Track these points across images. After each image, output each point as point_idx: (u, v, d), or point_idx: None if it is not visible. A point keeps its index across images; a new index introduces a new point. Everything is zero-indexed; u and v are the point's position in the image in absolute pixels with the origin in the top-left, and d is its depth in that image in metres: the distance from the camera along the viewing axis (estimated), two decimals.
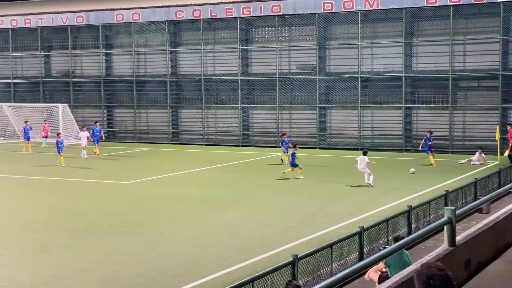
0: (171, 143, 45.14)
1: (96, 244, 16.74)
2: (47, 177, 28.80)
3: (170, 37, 45.59)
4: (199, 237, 17.39)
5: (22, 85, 50.78)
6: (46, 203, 22.63)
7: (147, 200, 23.21)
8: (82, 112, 48.64)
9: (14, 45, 50.11)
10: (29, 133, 40.15)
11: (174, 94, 46.07)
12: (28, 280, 13.70)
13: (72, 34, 48.13)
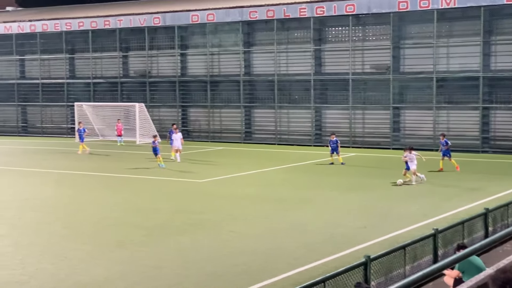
0: (244, 143, 45.41)
1: (169, 241, 17.04)
2: (122, 175, 29.44)
3: (243, 37, 45.89)
4: (269, 236, 17.45)
5: (101, 85, 52.08)
6: (121, 200, 23.16)
7: (219, 198, 23.45)
8: (157, 111, 49.53)
9: (94, 46, 51.44)
10: (83, 135, 39.37)
11: (247, 93, 46.33)
12: (103, 274, 14.06)
13: (149, 35, 49.06)
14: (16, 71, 55.15)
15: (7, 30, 54.60)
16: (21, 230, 18.44)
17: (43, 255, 15.58)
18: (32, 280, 13.67)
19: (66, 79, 52.79)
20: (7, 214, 20.73)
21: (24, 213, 20.94)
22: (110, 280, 13.68)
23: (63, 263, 14.95)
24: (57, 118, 53.83)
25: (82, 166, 32.32)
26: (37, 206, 22.15)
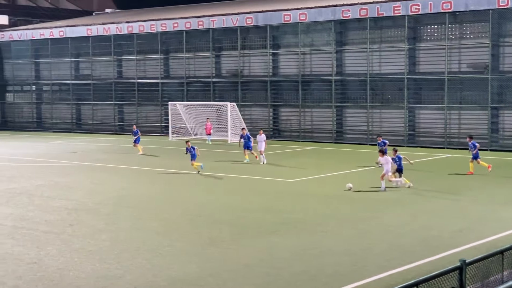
0: (334, 143, 45.09)
1: (260, 240, 17.10)
2: (213, 173, 29.80)
3: (336, 36, 45.57)
4: (360, 237, 17.23)
5: (194, 85, 52.95)
6: (213, 198, 23.44)
7: (310, 198, 23.37)
8: (249, 110, 49.90)
9: (188, 46, 52.36)
10: (139, 136, 39.27)
11: (339, 93, 45.97)
12: (196, 271, 14.26)
13: (241, 35, 49.49)
14: (113, 71, 56.86)
15: (106, 31, 56.36)
16: (117, 225, 18.96)
17: (138, 251, 15.95)
18: (127, 274, 14.01)
19: (161, 79, 53.97)
20: (104, 210, 21.37)
21: (121, 209, 21.53)
22: (202, 277, 13.85)
23: (157, 259, 15.26)
24: (152, 117, 55.15)
25: (174, 164, 32.92)
26: (132, 202, 22.74)
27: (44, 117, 61.74)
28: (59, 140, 49.64)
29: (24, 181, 27.53)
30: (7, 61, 63.00)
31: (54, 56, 59.39)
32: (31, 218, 19.94)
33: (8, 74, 63.40)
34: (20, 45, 61.67)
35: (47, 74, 60.61)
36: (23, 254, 15.66)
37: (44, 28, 61.11)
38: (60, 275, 13.98)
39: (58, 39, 58.99)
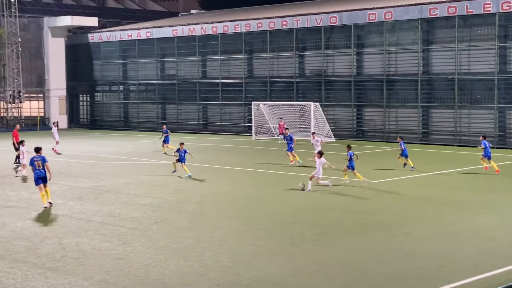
0: (420, 143, 44.20)
1: (342, 241, 16.94)
2: (294, 173, 29.73)
3: (422, 35, 44.68)
4: (447, 240, 16.79)
5: (278, 84, 53.05)
6: (294, 198, 23.38)
7: (394, 199, 22.98)
8: (332, 110, 49.58)
9: (271, 46, 52.50)
10: (168, 136, 39.04)
11: (425, 93, 45.05)
12: (277, 271, 14.24)
13: (325, 35, 49.23)
14: (198, 71, 57.67)
15: (191, 32, 57.23)
16: (201, 224, 19.18)
17: (221, 249, 16.08)
18: (209, 272, 14.14)
19: (244, 79, 54.34)
20: (188, 208, 21.66)
21: (204, 207, 21.77)
22: (284, 277, 13.81)
23: (240, 257, 15.33)
24: (235, 117, 55.61)
25: (256, 163, 33.03)
26: (215, 201, 22.96)
27: (131, 116, 63.29)
28: (145, 139, 50.76)
29: (111, 179, 28.25)
30: (97, 62, 64.94)
31: (141, 57, 60.78)
32: (118, 215, 20.43)
33: (97, 75, 65.34)
34: (109, 46, 63.45)
35: (134, 74, 62.09)
36: (110, 249, 16.05)
37: (132, 29, 62.65)
38: (146, 271, 14.25)
39: (145, 40, 60.36)
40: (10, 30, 62.58)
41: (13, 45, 62.95)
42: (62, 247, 16.24)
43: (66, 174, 29.54)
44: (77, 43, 66.46)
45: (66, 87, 66.58)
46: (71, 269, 14.37)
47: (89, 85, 66.32)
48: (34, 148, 22.39)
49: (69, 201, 22.77)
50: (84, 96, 67.85)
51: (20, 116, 64.16)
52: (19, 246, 16.42)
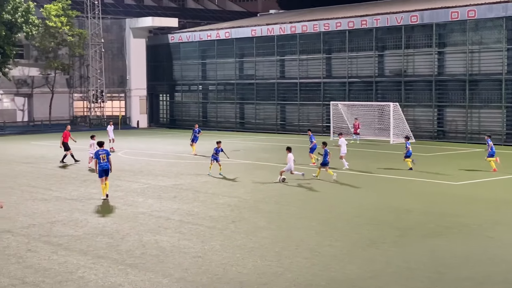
0: (505, 145, 42.86)
1: (422, 243, 16.59)
2: (375, 174, 29.35)
3: (507, 33, 43.30)
4: None
5: (356, 84, 52.54)
6: (373, 200, 23.08)
7: (477, 202, 22.37)
8: (412, 111, 48.72)
9: (350, 46, 52.05)
10: (197, 136, 39.21)
11: (510, 93, 43.66)
12: (356, 272, 14.06)
13: (405, 34, 48.43)
14: (276, 71, 57.74)
15: (269, 32, 57.38)
16: (278, 223, 19.16)
17: (298, 249, 16.01)
18: (287, 272, 14.09)
19: (323, 79, 54.07)
20: (266, 207, 21.70)
21: (281, 207, 21.74)
22: (362, 278, 13.64)
23: (317, 258, 15.23)
24: (313, 117, 55.39)
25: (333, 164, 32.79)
26: (293, 201, 22.90)
27: (209, 116, 63.97)
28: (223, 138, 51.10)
29: (190, 177, 28.61)
30: (176, 62, 65.97)
31: (220, 57, 61.36)
32: (197, 213, 20.65)
33: (176, 75, 66.38)
34: (188, 46, 64.34)
35: (213, 74, 62.73)
36: (188, 247, 16.24)
37: (211, 29, 63.32)
38: (224, 269, 14.33)
39: (223, 40, 60.91)
40: (93, 32, 64.35)
41: (96, 46, 64.70)
42: (142, 244, 16.54)
43: (146, 173, 30.10)
44: (158, 44, 67.70)
45: (146, 87, 67.98)
46: (151, 266, 14.61)
47: (168, 85, 67.45)
48: (98, 142, 24.08)
49: (149, 199, 23.19)
50: (164, 95, 69.05)
51: (102, 115, 65.90)
52: (101, 242, 16.82)
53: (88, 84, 65.35)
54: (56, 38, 60.86)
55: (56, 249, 16.14)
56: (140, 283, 13.41)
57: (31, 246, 16.45)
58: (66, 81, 65.54)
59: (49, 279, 13.68)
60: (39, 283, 13.38)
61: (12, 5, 55.05)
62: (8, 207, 21.58)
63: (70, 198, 23.36)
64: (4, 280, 13.60)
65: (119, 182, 27.09)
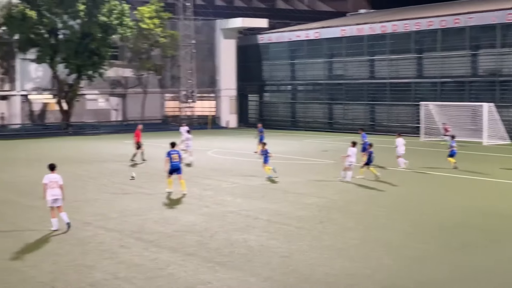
0: None
1: None
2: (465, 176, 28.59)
3: None
4: None
5: (448, 84, 51.31)
6: (465, 203, 22.49)
7: None
8: (507, 112, 47.12)
9: (442, 45, 50.88)
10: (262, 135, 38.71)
11: None
12: (445, 276, 13.77)
13: (501, 32, 46.92)
14: (366, 71, 57.14)
15: (359, 31, 56.86)
16: (367, 224, 18.95)
17: (387, 251, 15.79)
18: (375, 274, 13.93)
19: (413, 79, 53.10)
20: (355, 208, 21.50)
21: (371, 208, 21.49)
22: (452, 282, 13.35)
23: (406, 261, 14.97)
24: (403, 117, 54.49)
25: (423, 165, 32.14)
26: (383, 202, 22.59)
27: (298, 116, 63.97)
28: (312, 139, 51.09)
29: (278, 177, 28.65)
30: (266, 62, 66.31)
31: (309, 57, 61.28)
32: (285, 213, 20.68)
33: (266, 75, 66.72)
34: (278, 46, 64.56)
35: (302, 74, 62.72)
36: (276, 247, 16.29)
37: (300, 30, 63.31)
38: (311, 270, 14.30)
39: (313, 40, 60.79)
40: (184, 33, 65.52)
41: (187, 47, 65.85)
42: (231, 243, 16.71)
43: (236, 172, 30.39)
44: (247, 44, 68.27)
45: (236, 87, 68.65)
46: (239, 265, 14.74)
47: (258, 85, 67.90)
48: (170, 143, 24.63)
49: (238, 198, 23.40)
50: (253, 96, 69.55)
51: (192, 115, 67.03)
52: (191, 240, 17.10)
53: (179, 85, 66.59)
54: (149, 40, 62.37)
55: (147, 245, 16.53)
56: (228, 281, 13.56)
57: (124, 242, 16.91)
58: (158, 82, 67.05)
59: (140, 274, 14.02)
60: (131, 279, 13.74)
61: (107, 7, 56.80)
62: (101, 204, 22.30)
63: (161, 196, 23.86)
64: (97, 274, 14.04)
65: (208, 181, 27.49)
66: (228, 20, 67.43)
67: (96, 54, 57.24)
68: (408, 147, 42.34)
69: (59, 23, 55.83)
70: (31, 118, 61.26)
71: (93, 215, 20.36)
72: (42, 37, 55.64)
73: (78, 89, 59.40)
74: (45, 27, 55.25)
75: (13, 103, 59.63)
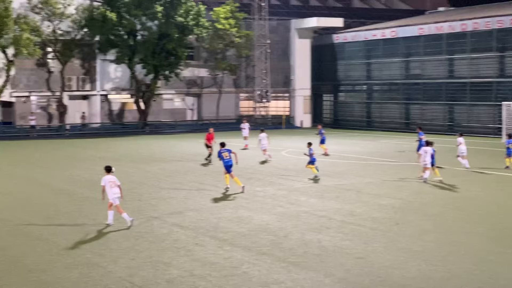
0: None
1: None
2: None
3: None
4: None
5: None
6: None
7: None
8: None
9: None
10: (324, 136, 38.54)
11: None
12: None
13: None
14: (444, 71, 55.91)
15: (437, 30, 55.70)
16: (445, 227, 18.47)
17: (466, 255, 15.34)
18: (453, 278, 13.55)
19: (495, 78, 51.61)
20: (432, 210, 21.01)
21: (449, 210, 20.94)
22: None
23: (487, 265, 14.49)
24: (484, 118, 53.04)
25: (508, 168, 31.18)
26: (462, 205, 21.99)
27: (374, 116, 63.19)
28: (388, 139, 50.36)
29: (353, 178, 28.36)
30: (341, 62, 65.80)
31: (385, 56, 60.45)
32: (359, 214, 20.41)
33: (341, 75, 66.20)
34: (353, 46, 63.96)
35: (378, 74, 61.92)
36: (350, 248, 16.07)
37: (377, 29, 62.52)
38: (386, 272, 14.03)
39: (389, 39, 59.92)
40: (259, 33, 65.73)
41: (262, 47, 66.02)
42: (304, 243, 16.59)
43: (309, 172, 30.22)
44: (322, 44, 67.90)
45: (310, 87, 68.39)
46: (313, 265, 14.61)
47: (332, 85, 67.45)
48: (220, 143, 25.53)
49: (312, 198, 23.25)
50: (328, 95, 69.13)
51: (267, 114, 67.18)
52: (265, 239, 17.07)
53: (254, 84, 66.86)
54: (224, 40, 62.88)
55: (221, 244, 16.60)
56: (302, 281, 13.45)
57: (199, 240, 17.04)
58: (233, 81, 67.51)
59: (215, 272, 14.08)
60: (206, 276, 13.81)
61: (184, 8, 57.60)
62: (177, 202, 22.57)
63: (235, 195, 23.96)
64: (174, 271, 14.18)
65: (282, 181, 27.44)
66: (303, 20, 67.23)
67: (173, 55, 58.17)
68: (490, 149, 41.23)
69: (138, 24, 57.02)
70: (110, 117, 62.76)
71: (168, 213, 20.62)
72: (121, 38, 56.94)
73: (155, 89, 60.47)
74: (124, 28, 56.51)
75: (93, 102, 61.25)
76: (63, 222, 19.26)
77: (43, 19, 55.59)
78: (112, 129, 59.87)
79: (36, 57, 55.79)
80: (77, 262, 14.93)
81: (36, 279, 13.73)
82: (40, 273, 14.14)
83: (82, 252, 15.87)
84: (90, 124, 60.32)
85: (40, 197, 23.56)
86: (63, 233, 17.84)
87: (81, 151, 41.53)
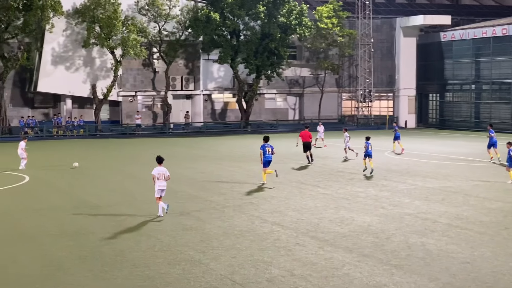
0: None
1: None
2: None
3: None
4: None
5: None
6: None
7: None
8: None
9: None
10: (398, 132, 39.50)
11: None
12: None
13: None
14: None
15: None
16: None
17: None
18: None
19: None
20: None
21: None
22: None
23: None
24: None
25: None
26: None
27: (482, 117, 61.05)
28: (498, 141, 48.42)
29: (459, 180, 27.45)
30: (448, 61, 64.01)
31: (495, 55, 58.30)
32: (466, 217, 19.70)
33: (448, 74, 64.39)
34: (461, 44, 62.08)
35: (487, 73, 59.80)
36: (456, 252, 15.51)
37: (487, 26, 60.40)
38: (494, 278, 13.44)
39: (500, 37, 57.74)
40: (363, 32, 64.95)
41: (366, 46, 65.21)
42: (408, 246, 16.16)
43: (413, 173, 29.52)
44: (428, 42, 66.28)
45: (415, 86, 66.92)
46: (417, 269, 14.19)
47: (439, 84, 65.72)
48: (264, 137, 27.01)
49: (416, 201, 22.66)
50: (434, 95, 67.42)
51: (370, 114, 66.30)
52: (366, 241, 16.76)
53: (357, 84, 66.16)
54: (327, 39, 62.54)
55: (322, 244, 16.42)
56: (405, 285, 13.08)
57: (299, 240, 16.93)
58: (335, 81, 67.06)
59: (315, 273, 13.93)
60: (307, 276, 13.68)
61: (287, 8, 57.71)
62: (278, 202, 22.56)
63: (337, 196, 23.70)
64: (274, 270, 14.13)
65: (385, 182, 26.92)
66: (409, 18, 65.90)
67: (275, 54, 58.41)
68: None
69: (241, 24, 57.63)
70: (212, 116, 63.73)
71: (270, 212, 20.63)
72: (224, 38, 57.71)
73: (257, 89, 60.90)
74: (228, 28, 57.25)
75: (197, 102, 62.39)
76: (165, 219, 19.62)
77: (150, 21, 57.20)
78: (214, 128, 60.80)
79: (142, 58, 57.42)
80: (180, 259, 15.16)
81: (140, 273, 14.03)
82: (144, 268, 14.44)
83: (184, 249, 16.09)
84: (193, 123, 61.48)
85: (143, 194, 24.13)
86: (165, 230, 18.18)
87: (184, 150, 42.34)
